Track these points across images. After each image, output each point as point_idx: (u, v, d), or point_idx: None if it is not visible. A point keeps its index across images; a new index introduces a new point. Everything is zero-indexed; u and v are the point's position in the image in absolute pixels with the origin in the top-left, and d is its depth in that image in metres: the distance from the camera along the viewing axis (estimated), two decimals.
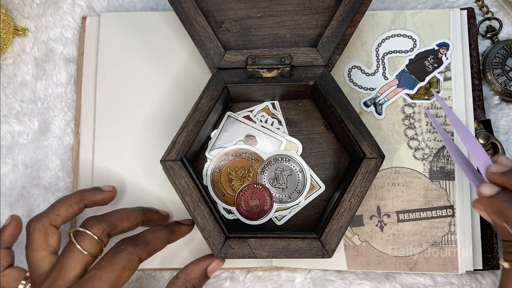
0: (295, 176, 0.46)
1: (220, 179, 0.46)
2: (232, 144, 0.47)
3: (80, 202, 0.42)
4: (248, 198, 0.45)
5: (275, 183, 0.46)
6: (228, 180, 0.46)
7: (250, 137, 0.46)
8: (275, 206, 0.45)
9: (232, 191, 0.46)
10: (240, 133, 0.47)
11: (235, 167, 0.46)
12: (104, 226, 0.38)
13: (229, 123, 0.47)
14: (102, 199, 0.43)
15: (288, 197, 0.46)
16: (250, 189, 0.45)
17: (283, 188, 0.46)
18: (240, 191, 0.45)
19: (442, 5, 0.51)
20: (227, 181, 0.46)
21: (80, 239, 0.37)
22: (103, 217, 0.39)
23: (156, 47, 0.50)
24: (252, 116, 0.47)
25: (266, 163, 0.46)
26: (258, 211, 0.45)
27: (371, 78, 0.48)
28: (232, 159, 0.46)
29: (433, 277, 0.47)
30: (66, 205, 0.41)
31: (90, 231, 0.38)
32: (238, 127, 0.47)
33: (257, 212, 0.45)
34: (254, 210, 0.45)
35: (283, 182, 0.46)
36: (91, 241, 0.37)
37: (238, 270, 0.48)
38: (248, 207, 0.45)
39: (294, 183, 0.46)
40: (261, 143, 0.47)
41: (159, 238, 0.40)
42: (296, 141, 0.47)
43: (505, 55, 0.49)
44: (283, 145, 0.47)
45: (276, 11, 0.44)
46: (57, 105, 0.51)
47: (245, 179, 0.46)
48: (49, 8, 0.53)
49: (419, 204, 0.46)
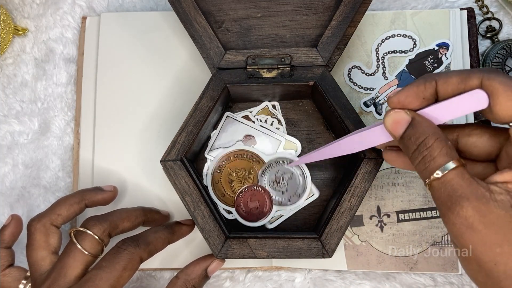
0: (295, 179, 0.46)
1: (221, 180, 0.46)
2: (231, 145, 0.47)
3: (81, 202, 0.42)
4: (248, 200, 0.45)
5: (275, 186, 0.46)
6: (229, 181, 0.46)
7: (249, 137, 0.46)
8: (275, 208, 0.45)
9: (232, 192, 0.46)
10: (239, 133, 0.47)
11: (236, 168, 0.46)
12: (105, 226, 0.38)
13: (228, 123, 0.47)
14: (103, 199, 0.43)
15: (287, 200, 0.46)
16: (250, 191, 0.45)
17: (283, 191, 0.46)
18: (240, 193, 0.45)
19: (442, 5, 0.51)
20: (227, 182, 0.46)
21: (81, 239, 0.37)
22: (103, 217, 0.39)
23: (156, 47, 0.50)
24: (251, 116, 0.47)
25: (267, 165, 0.46)
26: (257, 213, 0.45)
27: (371, 78, 0.48)
28: (233, 160, 0.46)
29: (433, 277, 0.47)
30: (67, 205, 0.41)
31: (90, 231, 0.38)
32: (237, 127, 0.47)
33: (256, 214, 0.45)
34: (253, 212, 0.45)
35: (283, 185, 0.46)
36: (91, 241, 0.38)
37: (238, 270, 0.48)
38: (248, 209, 0.45)
39: (294, 186, 0.46)
40: (260, 143, 0.47)
41: (160, 238, 0.40)
42: (295, 140, 0.46)
43: (505, 55, 0.49)
44: (282, 144, 0.46)
45: (276, 11, 0.44)
46: (57, 105, 0.51)
47: (246, 181, 0.46)
48: (49, 8, 0.53)
49: (419, 204, 0.46)
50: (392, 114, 0.33)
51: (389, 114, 0.33)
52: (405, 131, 0.32)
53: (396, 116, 0.33)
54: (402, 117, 0.32)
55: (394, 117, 0.33)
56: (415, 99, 0.33)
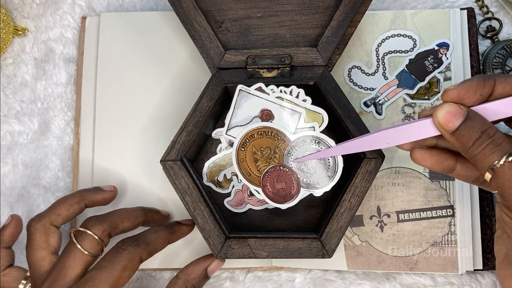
0: (325, 160, 0.42)
1: (246, 159, 0.43)
2: (248, 122, 0.43)
3: (80, 202, 0.42)
4: (274, 180, 0.42)
5: (302, 167, 0.42)
6: (254, 160, 0.43)
7: (265, 111, 0.43)
8: (302, 191, 0.42)
9: (258, 172, 0.43)
10: (255, 109, 0.43)
11: (260, 146, 0.43)
12: (104, 226, 0.38)
13: (242, 98, 0.43)
14: (102, 199, 0.43)
15: (316, 183, 0.42)
16: (276, 171, 0.42)
17: (311, 173, 0.42)
18: (266, 173, 0.43)
19: (442, 5, 0.51)
20: (252, 161, 0.43)
21: (81, 239, 0.37)
22: (103, 217, 0.39)
23: (156, 47, 0.50)
24: (265, 88, 0.43)
25: (293, 144, 0.42)
26: (285, 195, 0.42)
27: (371, 78, 0.48)
28: (257, 138, 0.43)
29: (433, 277, 0.47)
30: (66, 205, 0.41)
31: (90, 231, 0.38)
32: (252, 101, 0.43)
33: (283, 195, 0.42)
34: (280, 193, 0.42)
35: (312, 167, 0.42)
36: (91, 241, 0.37)
37: (238, 270, 0.48)
38: (274, 190, 0.42)
39: (324, 168, 0.42)
40: (278, 118, 0.42)
41: (160, 238, 0.40)
42: (320, 110, 0.41)
43: (505, 55, 0.49)
44: (303, 116, 0.42)
45: (276, 11, 0.44)
46: (57, 105, 0.51)
47: (271, 160, 0.43)
48: (49, 8, 0.53)
49: (419, 204, 0.46)
50: (447, 107, 0.33)
51: (442, 107, 0.33)
52: (461, 124, 0.32)
53: (451, 109, 0.33)
54: (457, 110, 0.33)
55: (449, 110, 0.33)
56: (473, 95, 0.33)
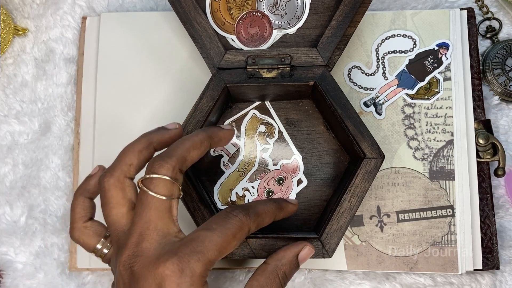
0: (293, 2, 0.44)
1: (220, 8, 0.44)
2: None
3: (149, 146, 0.37)
4: (248, 26, 0.44)
5: (274, 10, 0.44)
6: (227, 8, 0.44)
7: None
8: (275, 33, 0.44)
9: (232, 20, 0.44)
10: None
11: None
12: (173, 164, 0.34)
13: None
14: (170, 138, 0.38)
15: (287, 23, 0.44)
16: (250, 17, 0.44)
17: (282, 15, 0.44)
18: (240, 19, 0.44)
19: (442, 5, 0.51)
20: (226, 10, 0.44)
21: (153, 186, 0.33)
22: (167, 154, 0.35)
23: (156, 47, 0.50)
24: None
25: None
26: (258, 38, 0.44)
27: (371, 78, 0.48)
28: None
29: (433, 277, 0.47)
30: (136, 153, 0.36)
31: (159, 174, 0.34)
32: None
33: (257, 39, 0.44)
34: (254, 37, 0.44)
35: (282, 8, 0.44)
36: (165, 184, 0.34)
37: (238, 270, 0.48)
38: (248, 35, 0.44)
39: (293, 8, 0.44)
40: None
41: (268, 211, 0.37)
42: None
43: (505, 55, 0.49)
44: None
45: None
46: (57, 105, 0.51)
47: (244, 7, 0.44)
48: (49, 8, 0.53)
49: (419, 204, 0.46)
50: None
51: None
52: None
53: None
54: None
55: None
56: None
